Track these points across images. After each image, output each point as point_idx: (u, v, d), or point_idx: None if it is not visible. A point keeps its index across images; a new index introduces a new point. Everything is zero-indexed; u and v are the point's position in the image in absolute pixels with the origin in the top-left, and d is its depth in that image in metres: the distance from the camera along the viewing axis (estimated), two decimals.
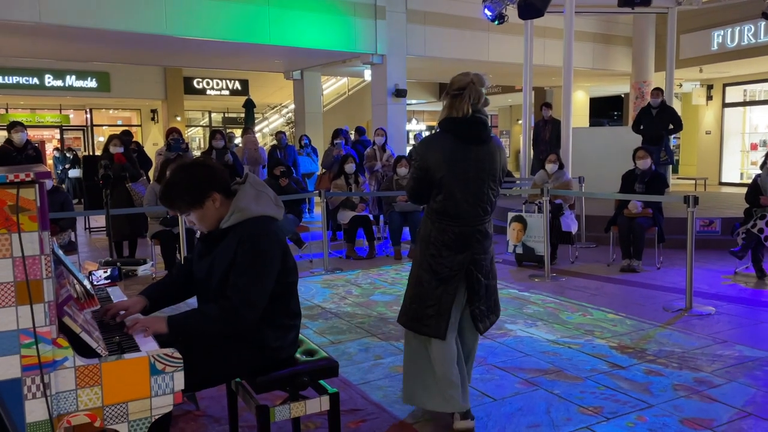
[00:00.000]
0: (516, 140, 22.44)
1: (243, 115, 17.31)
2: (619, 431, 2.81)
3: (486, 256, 2.87)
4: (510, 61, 12.99)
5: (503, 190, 9.19)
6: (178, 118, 18.71)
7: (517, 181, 10.70)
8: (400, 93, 12.24)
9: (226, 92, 19.89)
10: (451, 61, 13.49)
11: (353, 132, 10.88)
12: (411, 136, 12.58)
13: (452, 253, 2.77)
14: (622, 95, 18.65)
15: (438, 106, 24.29)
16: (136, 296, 2.35)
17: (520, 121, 15.53)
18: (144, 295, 2.35)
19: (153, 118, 20.10)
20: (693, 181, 14.96)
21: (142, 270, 6.20)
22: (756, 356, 3.74)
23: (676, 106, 13.94)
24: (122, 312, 2.21)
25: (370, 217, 7.47)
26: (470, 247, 2.78)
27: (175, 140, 8.05)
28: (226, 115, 23.08)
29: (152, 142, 18.47)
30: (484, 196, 2.78)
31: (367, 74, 13.55)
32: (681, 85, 16.07)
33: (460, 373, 2.79)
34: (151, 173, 8.57)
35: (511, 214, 6.75)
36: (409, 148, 11.42)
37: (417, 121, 24.52)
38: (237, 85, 19.76)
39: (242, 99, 16.76)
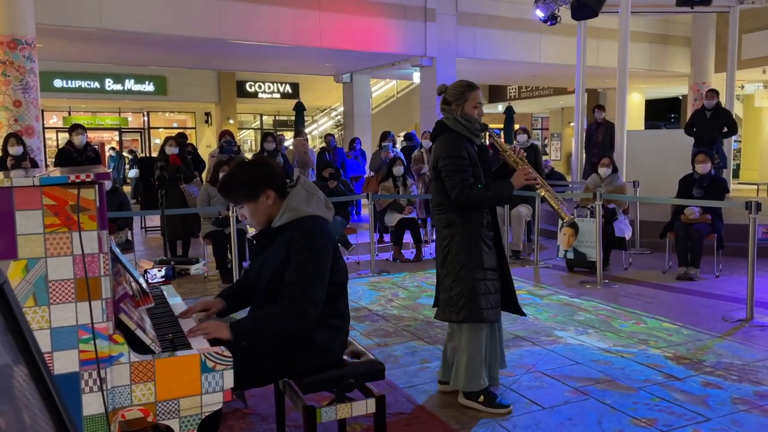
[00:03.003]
0: (568, 143, 22.01)
1: (293, 118, 17.58)
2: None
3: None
4: (562, 63, 12.76)
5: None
6: (231, 121, 19.14)
7: (570, 185, 10.48)
8: None
9: (277, 95, 20.23)
10: (501, 63, 13.35)
11: (400, 136, 10.89)
12: None
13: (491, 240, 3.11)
14: (680, 97, 18.05)
15: (488, 109, 24.09)
16: (215, 298, 2.43)
17: (572, 124, 15.23)
18: (222, 297, 2.42)
19: (207, 121, 20.63)
20: (755, 187, 14.33)
21: (194, 269, 6.36)
22: None
23: (738, 108, 13.40)
24: (203, 312, 2.31)
25: (418, 220, 7.46)
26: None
27: (227, 142, 8.23)
28: (277, 117, 23.47)
29: (206, 144, 18.96)
30: None
31: (416, 77, 13.53)
32: (743, 87, 15.44)
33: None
34: (204, 175, 8.79)
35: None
36: None
37: None
38: (288, 88, 20.08)
39: (293, 102, 17.02)
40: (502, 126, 17.46)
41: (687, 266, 6.02)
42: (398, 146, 10.64)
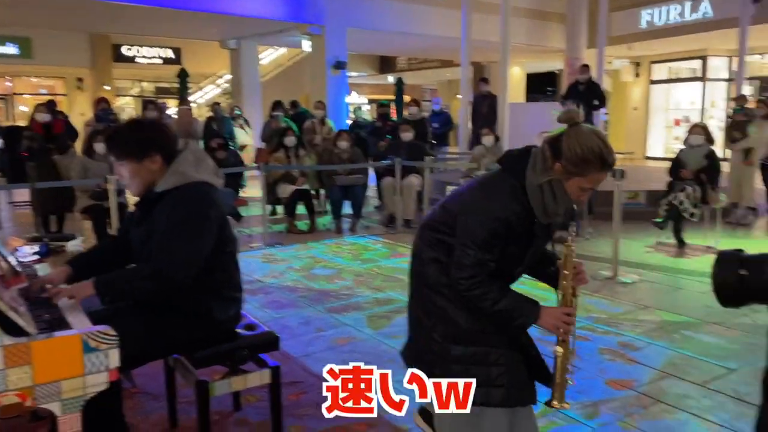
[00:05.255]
0: (455, 115, 22.67)
1: (177, 85, 16.73)
2: (549, 394, 2.95)
3: None
4: (449, 35, 13.05)
5: (440, 163, 9.35)
6: (107, 88, 17.88)
7: (456, 156, 10.85)
8: (339, 65, 12.11)
9: (158, 60, 19.12)
10: (391, 34, 13.43)
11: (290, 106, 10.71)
12: (352, 109, 12.49)
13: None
14: (557, 71, 19.08)
15: (379, 80, 24.15)
16: (60, 267, 2.28)
17: (459, 96, 15.72)
18: (71, 264, 2.29)
19: (79, 87, 19.13)
20: (621, 155, 15.58)
21: (71, 245, 5.97)
22: (675, 321, 3.99)
23: (607, 83, 14.41)
24: (48, 286, 2.14)
25: (311, 191, 7.45)
26: None
27: (104, 111, 7.74)
28: (159, 84, 22.23)
29: (79, 113, 17.61)
30: None
31: (306, 45, 13.32)
32: (611, 62, 16.59)
33: None
34: (78, 145, 8.19)
35: (449, 188, 6.86)
36: (349, 122, 11.36)
37: (358, 95, 24.37)
38: (170, 53, 19.03)
39: (175, 68, 16.20)
40: (393, 98, 17.65)
41: (561, 230, 6.47)
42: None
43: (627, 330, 3.83)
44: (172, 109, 13.75)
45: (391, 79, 20.46)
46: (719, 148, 7.29)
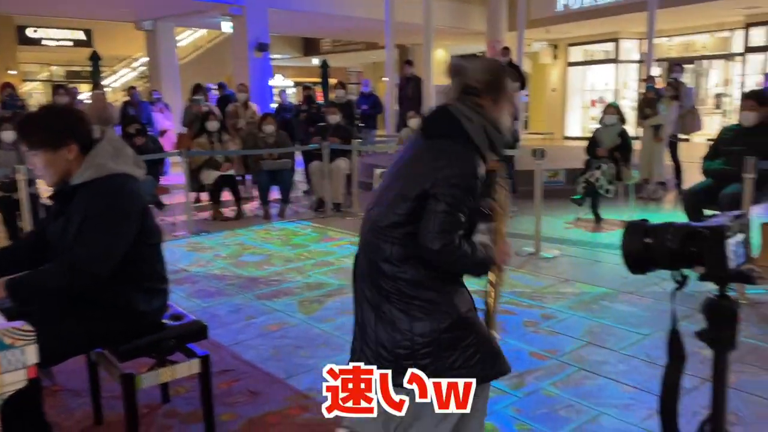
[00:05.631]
0: (382, 98, 22.69)
1: (89, 69, 15.88)
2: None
3: None
4: (373, 17, 13.02)
5: (369, 146, 9.38)
6: (13, 72, 16.76)
7: (384, 139, 10.90)
8: (262, 47, 11.86)
9: (68, 43, 18.08)
10: (314, 15, 13.26)
11: (213, 89, 10.42)
12: (276, 92, 12.26)
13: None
14: (479, 54, 19.44)
15: (303, 62, 23.84)
16: None
17: (384, 79, 15.76)
18: None
19: None
20: (541, 136, 16.13)
21: None
22: (593, 292, 4.21)
23: (527, 65, 14.82)
24: None
25: (236, 176, 7.30)
26: None
27: (9, 96, 7.28)
28: (70, 68, 21.05)
29: None
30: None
31: (225, 26, 12.94)
32: (530, 45, 17.07)
33: None
34: None
35: (377, 171, 6.90)
36: (275, 105, 11.17)
37: (283, 77, 23.95)
38: (81, 35, 18.02)
39: (87, 51, 15.34)
40: (319, 80, 17.46)
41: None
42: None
43: (549, 303, 4.00)
44: (84, 94, 13.08)
45: (315, 61, 20.24)
46: (631, 127, 7.66)
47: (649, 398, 2.66)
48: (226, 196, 7.15)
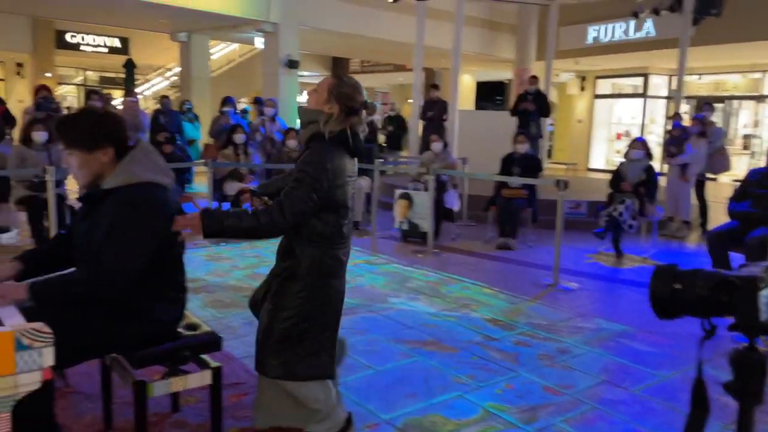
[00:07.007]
0: (406, 119, 22.80)
1: (123, 76, 16.22)
2: (489, 398, 3.02)
3: None
4: (402, 40, 13.14)
5: (390, 167, 9.41)
6: (49, 75, 17.17)
7: (406, 160, 10.93)
8: (292, 64, 12.02)
9: (104, 49, 18.49)
10: (344, 36, 13.41)
11: (241, 102, 10.55)
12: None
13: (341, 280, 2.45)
14: (506, 81, 19.48)
15: None
16: (9, 261, 2.21)
17: (410, 100, 15.85)
18: (19, 259, 2.22)
19: (19, 73, 18.29)
20: (564, 166, 16.04)
21: (5, 238, 5.72)
22: (611, 329, 4.14)
23: (553, 95, 14.82)
24: None
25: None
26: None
27: (44, 99, 7.42)
28: (104, 74, 21.51)
29: (17, 99, 16.84)
30: None
31: (258, 42, 13.14)
32: (558, 75, 17.08)
33: None
34: (15, 133, 7.82)
35: (398, 191, 6.91)
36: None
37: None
38: (116, 42, 18.44)
39: (121, 58, 15.72)
40: None
41: (506, 237, 6.63)
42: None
43: (566, 336, 3.94)
44: (117, 100, 13.33)
45: None
46: (657, 163, 7.60)
47: None
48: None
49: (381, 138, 11.13)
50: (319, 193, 2.28)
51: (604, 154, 17.66)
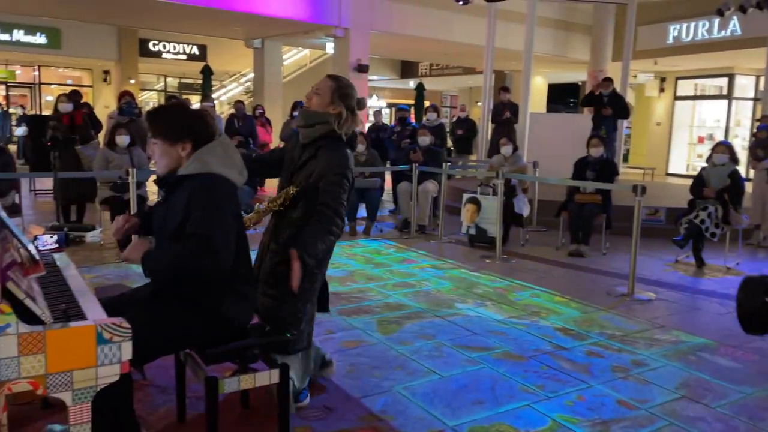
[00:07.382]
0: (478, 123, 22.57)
1: (200, 82, 16.86)
2: (559, 409, 2.92)
3: None
4: (472, 43, 13.03)
5: (459, 170, 9.33)
6: (132, 81, 18.11)
7: (475, 164, 10.81)
8: (362, 68, 12.15)
9: (183, 57, 19.33)
10: (414, 39, 13.43)
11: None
12: (371, 112, 12.50)
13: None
14: (579, 83, 18.96)
15: (400, 84, 24.17)
16: (128, 215, 2.48)
17: (479, 103, 15.68)
18: (136, 216, 2.47)
19: (105, 80, 19.39)
20: (642, 171, 15.42)
21: (90, 236, 6.04)
22: (691, 342, 3.93)
23: (630, 96, 14.29)
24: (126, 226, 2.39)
25: None
26: None
27: (128, 104, 7.80)
28: (183, 80, 22.46)
29: (104, 105, 17.85)
30: None
31: (329, 47, 13.37)
32: (636, 76, 16.46)
33: None
34: (101, 137, 8.28)
35: (466, 195, 6.84)
36: (368, 125, 11.37)
37: (378, 98, 24.41)
38: (195, 49, 19.22)
39: (199, 64, 16.33)
40: (413, 102, 17.61)
41: (578, 243, 6.43)
42: None
43: (641, 349, 3.78)
44: (194, 105, 13.86)
45: (411, 83, 20.45)
46: (743, 168, 7.18)
47: None
48: None
49: (449, 142, 11.05)
50: (348, 191, 2.60)
51: (685, 159, 16.88)
